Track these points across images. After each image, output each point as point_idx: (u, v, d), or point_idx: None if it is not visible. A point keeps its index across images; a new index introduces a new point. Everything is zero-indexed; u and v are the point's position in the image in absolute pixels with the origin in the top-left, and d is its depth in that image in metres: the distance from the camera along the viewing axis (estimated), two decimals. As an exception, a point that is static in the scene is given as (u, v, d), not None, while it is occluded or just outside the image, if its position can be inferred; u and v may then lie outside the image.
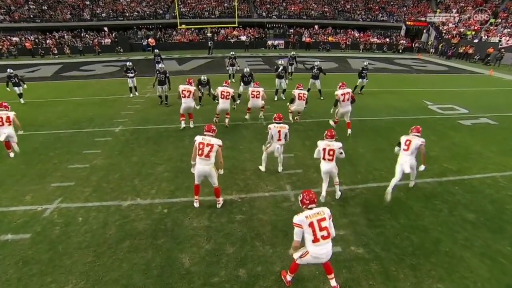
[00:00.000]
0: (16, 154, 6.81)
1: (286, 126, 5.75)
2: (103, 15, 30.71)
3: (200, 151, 4.55)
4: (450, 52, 25.65)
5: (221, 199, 4.96)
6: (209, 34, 26.99)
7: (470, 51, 24.23)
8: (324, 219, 3.11)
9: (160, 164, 6.34)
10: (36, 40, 27.10)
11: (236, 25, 26.97)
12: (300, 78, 13.71)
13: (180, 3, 30.62)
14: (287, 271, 3.51)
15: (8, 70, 11.10)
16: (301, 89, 8.56)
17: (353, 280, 3.66)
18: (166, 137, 7.80)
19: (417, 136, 5.17)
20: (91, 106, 10.79)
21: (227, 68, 14.18)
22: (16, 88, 11.10)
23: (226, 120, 8.53)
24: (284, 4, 34.52)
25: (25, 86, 11.43)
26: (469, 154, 7.25)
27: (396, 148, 5.40)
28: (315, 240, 3.06)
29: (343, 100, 7.82)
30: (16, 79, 11.05)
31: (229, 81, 11.20)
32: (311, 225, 3.06)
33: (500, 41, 23.87)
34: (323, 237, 3.06)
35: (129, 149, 7.09)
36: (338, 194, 5.18)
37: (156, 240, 4.22)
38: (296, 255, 3.28)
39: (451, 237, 4.44)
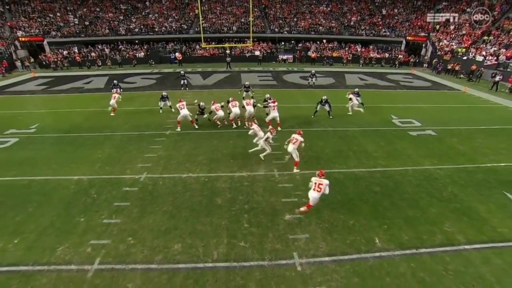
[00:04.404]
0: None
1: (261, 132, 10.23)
2: (136, 30, 35.51)
3: (292, 141, 9.14)
4: (440, 67, 28.73)
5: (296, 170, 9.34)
6: (227, 51, 31.19)
7: (457, 67, 27.27)
8: (322, 183, 6.94)
9: (200, 155, 10.42)
10: (82, 53, 32.09)
11: (251, 43, 30.93)
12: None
13: (202, 18, 35.00)
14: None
15: (114, 81, 17.50)
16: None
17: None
18: (201, 138, 11.87)
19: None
20: (143, 115, 15.00)
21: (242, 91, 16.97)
22: (114, 89, 16.59)
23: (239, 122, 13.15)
24: (295, 19, 38.38)
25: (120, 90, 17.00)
26: (400, 156, 10.89)
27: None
28: (314, 189, 6.97)
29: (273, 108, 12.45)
30: (118, 86, 16.91)
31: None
32: (315, 184, 6.98)
33: (485, 58, 26.82)
34: (317, 191, 6.92)
35: (179, 146, 11.19)
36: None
37: (203, 192, 8.26)
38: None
39: (360, 198, 8.21)
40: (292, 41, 36.12)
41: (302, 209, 7.26)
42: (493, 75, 23.01)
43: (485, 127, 13.97)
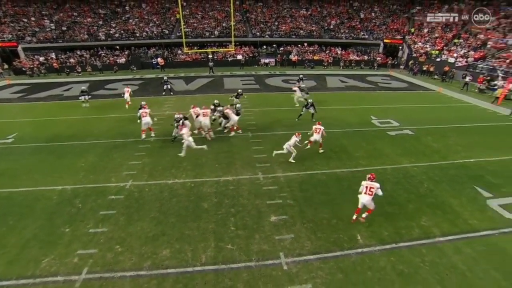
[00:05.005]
0: None
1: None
2: (116, 35, 34.93)
3: (317, 130, 10.70)
4: (416, 69, 29.94)
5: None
6: (210, 56, 31.25)
7: (431, 69, 28.54)
8: (373, 187, 7.14)
9: (185, 161, 10.49)
10: (60, 59, 31.25)
11: (233, 48, 31.11)
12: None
13: (183, 23, 34.82)
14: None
15: (82, 87, 18.17)
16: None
17: (283, 211, 7.77)
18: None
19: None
20: (126, 122, 14.81)
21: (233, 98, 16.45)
22: (82, 97, 17.60)
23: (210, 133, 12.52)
24: (276, 23, 38.95)
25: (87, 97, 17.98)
26: (380, 155, 11.36)
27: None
28: (365, 193, 7.17)
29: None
30: (86, 93, 17.71)
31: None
32: (366, 187, 7.19)
33: (456, 60, 28.21)
34: (368, 194, 7.14)
35: (163, 152, 11.20)
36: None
37: (189, 197, 8.36)
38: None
39: (342, 197, 8.54)
40: (274, 45, 36.63)
41: (363, 215, 7.57)
42: (463, 76, 24.26)
43: (457, 126, 14.76)
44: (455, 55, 28.79)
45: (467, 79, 22.63)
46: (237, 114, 13.05)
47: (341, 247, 6.72)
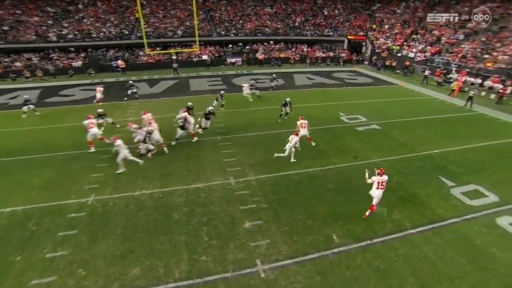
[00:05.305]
0: None
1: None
2: (70, 36, 32.50)
3: (303, 125, 11.06)
4: (379, 64, 31.13)
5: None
6: (174, 57, 30.15)
7: (394, 64, 29.84)
8: (384, 181, 7.13)
9: (151, 170, 9.92)
10: (4, 63, 28.38)
11: (198, 48, 30.29)
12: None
13: (143, 23, 33.22)
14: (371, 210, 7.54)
15: (25, 96, 16.54)
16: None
17: (257, 216, 7.56)
18: (151, 152, 11.27)
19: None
20: (84, 131, 13.69)
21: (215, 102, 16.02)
22: (25, 107, 15.82)
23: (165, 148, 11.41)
24: (241, 22, 38.62)
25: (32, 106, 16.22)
26: (349, 151, 11.52)
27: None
28: (378, 188, 7.10)
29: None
30: (29, 102, 16.06)
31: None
32: (378, 182, 7.08)
33: (415, 55, 29.74)
34: (381, 188, 7.11)
35: (128, 162, 10.35)
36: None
37: (158, 209, 7.87)
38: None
39: (315, 197, 8.50)
40: (240, 44, 36.28)
41: (367, 213, 7.62)
42: (422, 70, 25.60)
43: (420, 118, 15.46)
44: (414, 50, 30.35)
45: (426, 73, 23.93)
46: (207, 117, 12.58)
47: (317, 248, 6.66)
